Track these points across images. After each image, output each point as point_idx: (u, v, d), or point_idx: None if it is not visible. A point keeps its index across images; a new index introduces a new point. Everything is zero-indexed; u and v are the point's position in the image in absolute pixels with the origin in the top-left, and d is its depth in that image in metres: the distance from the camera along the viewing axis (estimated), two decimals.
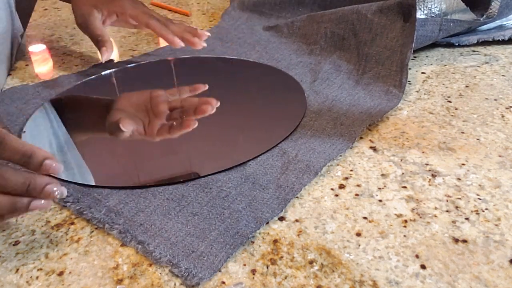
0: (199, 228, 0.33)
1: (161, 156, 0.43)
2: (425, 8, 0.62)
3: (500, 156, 0.41)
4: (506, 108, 0.48)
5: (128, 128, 0.46)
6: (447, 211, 0.35)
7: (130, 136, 0.46)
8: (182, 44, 0.56)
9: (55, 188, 0.32)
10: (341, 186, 0.38)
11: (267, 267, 0.30)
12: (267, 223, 0.34)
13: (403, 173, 0.39)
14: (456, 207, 0.35)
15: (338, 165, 0.40)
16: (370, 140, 0.44)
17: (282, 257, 0.31)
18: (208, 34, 0.59)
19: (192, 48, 0.57)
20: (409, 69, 0.58)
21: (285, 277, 0.30)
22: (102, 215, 0.35)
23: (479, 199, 0.36)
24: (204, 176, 0.39)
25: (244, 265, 0.31)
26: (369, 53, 0.59)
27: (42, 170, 0.32)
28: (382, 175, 0.39)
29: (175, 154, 0.43)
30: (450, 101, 0.50)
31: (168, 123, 0.47)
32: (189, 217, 0.35)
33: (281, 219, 0.34)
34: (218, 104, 0.50)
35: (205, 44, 0.58)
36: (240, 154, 0.42)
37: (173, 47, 0.56)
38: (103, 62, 0.58)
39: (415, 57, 0.62)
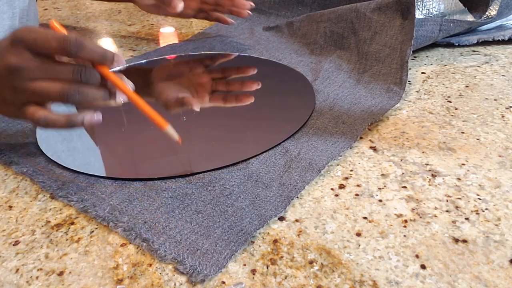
0: (203, 226, 0.34)
1: (165, 153, 0.43)
2: (423, 8, 0.62)
3: (500, 156, 0.41)
4: (506, 108, 0.48)
5: (196, 106, 0.51)
6: (447, 211, 0.35)
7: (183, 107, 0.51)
8: (233, 22, 0.68)
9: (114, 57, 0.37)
10: (341, 186, 0.38)
11: (267, 267, 0.30)
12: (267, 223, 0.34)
13: (403, 173, 0.39)
14: (456, 207, 0.35)
15: (338, 165, 0.40)
16: (370, 140, 0.44)
17: (282, 257, 0.31)
18: (251, 3, 0.67)
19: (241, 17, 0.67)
20: (409, 69, 0.58)
21: (285, 277, 0.30)
22: (107, 213, 0.35)
23: (479, 199, 0.36)
24: (207, 171, 0.39)
25: (244, 265, 0.31)
26: (369, 51, 0.59)
27: (115, 63, 0.37)
28: (382, 175, 0.39)
29: (178, 151, 0.43)
30: (450, 101, 0.50)
31: (221, 94, 0.54)
32: (193, 215, 0.35)
33: (281, 219, 0.34)
34: (259, 86, 0.54)
35: (249, 12, 0.66)
36: (243, 151, 0.42)
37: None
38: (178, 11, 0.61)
39: (415, 57, 0.62)
